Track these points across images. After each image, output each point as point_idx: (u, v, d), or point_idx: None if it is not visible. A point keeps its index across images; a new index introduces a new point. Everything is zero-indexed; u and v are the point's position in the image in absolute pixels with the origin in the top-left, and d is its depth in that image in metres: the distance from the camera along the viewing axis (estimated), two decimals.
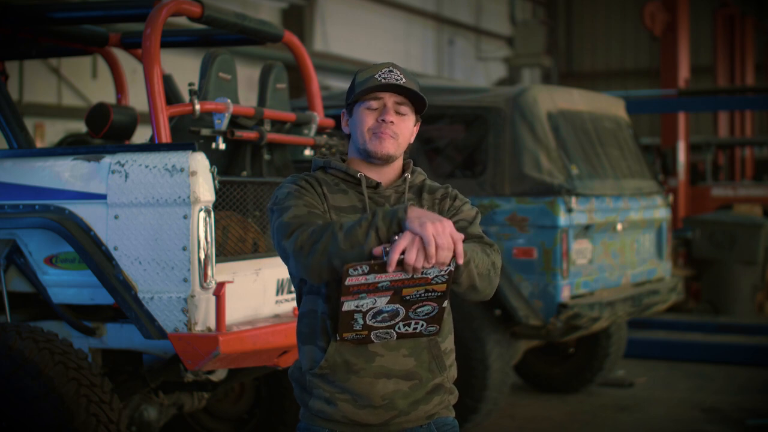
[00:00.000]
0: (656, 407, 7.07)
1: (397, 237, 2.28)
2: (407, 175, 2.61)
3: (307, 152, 4.98)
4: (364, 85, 2.54)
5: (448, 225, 2.29)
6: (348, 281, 2.27)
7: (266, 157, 4.70)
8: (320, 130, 5.00)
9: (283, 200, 2.51)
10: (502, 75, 23.81)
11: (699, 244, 11.03)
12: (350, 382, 2.47)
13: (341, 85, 16.29)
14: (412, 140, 2.62)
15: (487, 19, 24.24)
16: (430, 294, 2.34)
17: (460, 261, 2.29)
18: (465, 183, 6.09)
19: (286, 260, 2.46)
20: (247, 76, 10.95)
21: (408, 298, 2.33)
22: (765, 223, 11.05)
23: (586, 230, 6.05)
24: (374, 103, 2.54)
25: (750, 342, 9.15)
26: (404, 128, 2.56)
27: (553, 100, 6.32)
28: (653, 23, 13.61)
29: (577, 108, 6.55)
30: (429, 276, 2.30)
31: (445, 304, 2.39)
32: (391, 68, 2.55)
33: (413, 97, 2.55)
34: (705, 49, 21.43)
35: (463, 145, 6.32)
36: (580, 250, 6.03)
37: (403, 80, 2.53)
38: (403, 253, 2.26)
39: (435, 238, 2.25)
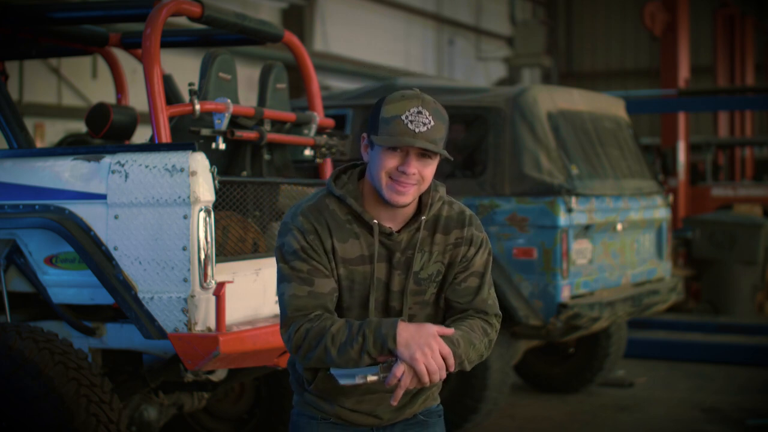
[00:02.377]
0: (656, 407, 7.06)
1: (395, 362, 2.35)
2: (423, 218, 2.50)
3: (307, 152, 4.98)
4: (389, 128, 2.38)
5: (436, 346, 2.35)
6: (341, 382, 2.43)
7: (266, 157, 4.70)
8: (320, 130, 5.00)
9: (288, 257, 2.47)
10: (502, 75, 23.81)
11: (699, 244, 11.03)
12: (339, 401, 2.58)
13: (341, 85, 16.28)
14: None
15: (487, 19, 24.23)
16: None
17: (452, 370, 2.39)
18: (465, 183, 6.10)
19: None
20: (247, 76, 10.94)
21: None
22: (765, 223, 11.04)
23: (586, 230, 6.05)
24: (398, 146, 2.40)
25: (750, 342, 9.15)
26: (427, 173, 2.43)
27: (553, 100, 6.31)
28: (653, 23, 13.61)
29: (577, 108, 6.55)
30: None
31: None
32: (420, 108, 2.37)
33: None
34: (705, 49, 21.43)
35: (463, 145, 6.32)
36: (580, 250, 6.03)
37: (432, 123, 2.37)
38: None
39: (427, 367, 2.33)
